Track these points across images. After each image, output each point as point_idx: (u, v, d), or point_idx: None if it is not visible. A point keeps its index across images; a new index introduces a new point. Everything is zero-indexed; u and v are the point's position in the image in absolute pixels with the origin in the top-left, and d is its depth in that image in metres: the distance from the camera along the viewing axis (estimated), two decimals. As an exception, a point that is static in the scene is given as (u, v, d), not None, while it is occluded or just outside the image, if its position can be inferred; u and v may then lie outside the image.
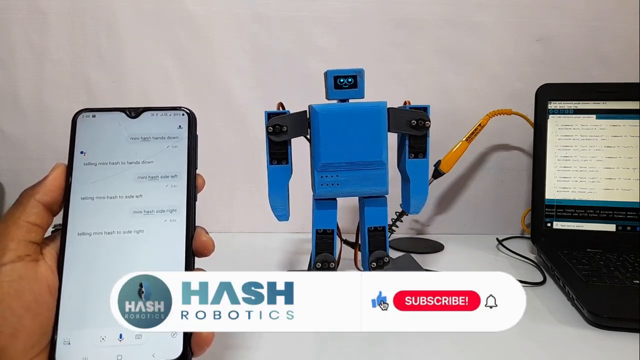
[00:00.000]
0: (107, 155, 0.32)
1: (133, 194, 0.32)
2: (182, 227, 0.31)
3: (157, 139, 0.32)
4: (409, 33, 0.72)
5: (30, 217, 0.29)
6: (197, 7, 0.71)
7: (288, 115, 0.48)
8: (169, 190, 0.32)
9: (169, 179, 0.32)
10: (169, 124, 0.33)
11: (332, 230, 0.51)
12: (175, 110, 0.33)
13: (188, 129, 0.33)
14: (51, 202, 0.30)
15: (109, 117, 0.33)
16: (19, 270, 0.27)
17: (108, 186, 0.32)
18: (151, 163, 0.32)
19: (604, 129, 0.65)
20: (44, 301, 0.28)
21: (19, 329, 0.27)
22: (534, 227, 0.66)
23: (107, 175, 0.32)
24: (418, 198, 0.51)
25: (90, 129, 0.32)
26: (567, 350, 0.43)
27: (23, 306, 0.27)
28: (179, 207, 0.31)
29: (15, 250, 0.27)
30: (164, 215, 0.31)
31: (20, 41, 0.71)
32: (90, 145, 0.32)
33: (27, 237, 0.28)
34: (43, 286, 0.28)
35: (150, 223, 0.31)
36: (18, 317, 0.27)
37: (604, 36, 0.73)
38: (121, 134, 0.32)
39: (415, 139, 0.49)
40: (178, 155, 0.32)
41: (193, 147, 0.33)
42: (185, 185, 0.32)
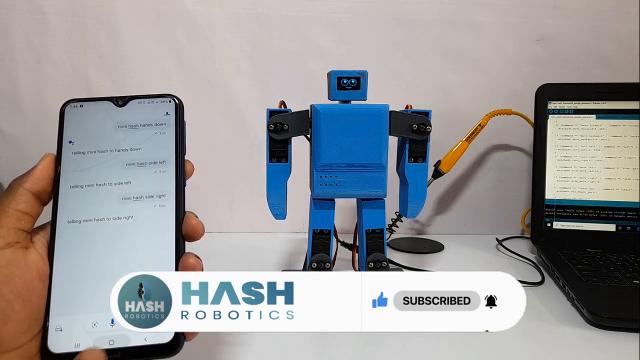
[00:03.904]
0: (95, 143, 0.32)
1: (122, 180, 0.32)
2: (172, 212, 0.31)
3: (145, 126, 0.33)
4: (409, 33, 0.72)
5: (19, 206, 0.29)
6: (197, 7, 0.71)
7: (289, 113, 0.48)
8: (157, 176, 0.32)
9: (157, 165, 0.32)
10: (156, 111, 0.33)
11: (329, 230, 0.51)
12: (162, 97, 0.33)
13: (175, 116, 0.33)
14: (40, 190, 0.30)
15: (97, 106, 0.33)
16: (8, 256, 0.27)
17: (97, 174, 0.32)
18: (139, 150, 0.32)
19: (603, 129, 0.65)
20: (35, 287, 0.28)
21: (9, 315, 0.27)
22: (534, 227, 0.66)
23: (96, 163, 0.32)
24: (416, 202, 0.51)
25: (78, 118, 0.33)
26: (567, 350, 0.43)
27: (13, 292, 0.27)
28: (168, 192, 0.32)
29: (4, 237, 0.28)
30: (153, 200, 0.31)
31: (20, 41, 0.71)
32: (78, 134, 0.32)
33: (17, 224, 0.28)
34: (33, 273, 0.28)
35: (140, 209, 0.31)
36: (8, 303, 0.27)
37: (604, 36, 0.73)
38: (109, 122, 0.32)
39: (415, 143, 0.49)
40: (166, 141, 0.32)
41: (180, 133, 0.33)
42: (173, 170, 0.32)
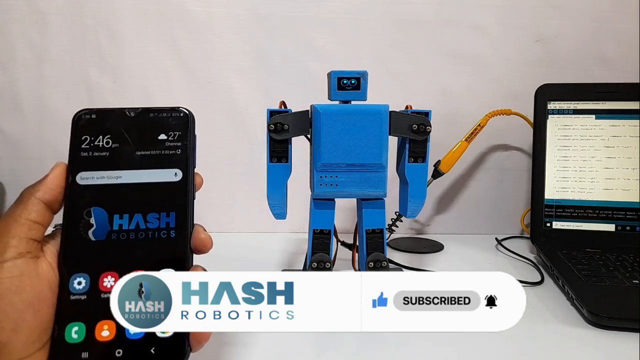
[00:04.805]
0: (106, 155, 0.32)
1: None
2: (181, 225, 0.31)
3: (156, 139, 0.33)
4: (409, 33, 0.72)
5: (31, 215, 0.29)
6: (198, 7, 0.71)
7: (290, 113, 0.48)
8: (167, 189, 0.32)
9: (169, 177, 0.32)
10: (167, 124, 0.33)
11: (329, 230, 0.51)
12: (174, 110, 0.34)
13: (187, 129, 0.33)
14: (52, 200, 0.30)
15: (109, 117, 0.33)
16: (21, 266, 0.28)
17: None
18: (150, 162, 0.32)
19: (603, 129, 0.65)
20: (45, 297, 0.29)
21: (20, 324, 0.27)
22: (534, 227, 0.66)
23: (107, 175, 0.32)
24: (416, 202, 0.51)
25: (90, 129, 0.32)
26: (566, 349, 0.43)
27: (24, 302, 0.27)
28: (178, 205, 0.32)
29: (16, 247, 0.28)
30: (163, 213, 0.32)
31: (21, 41, 0.71)
32: (90, 144, 0.32)
33: (28, 234, 0.29)
34: (44, 282, 0.29)
35: (149, 221, 0.31)
36: (19, 313, 0.27)
37: (604, 36, 0.73)
38: (121, 133, 0.33)
39: (415, 144, 0.49)
40: (177, 154, 0.33)
41: (191, 146, 0.33)
42: (184, 184, 0.32)
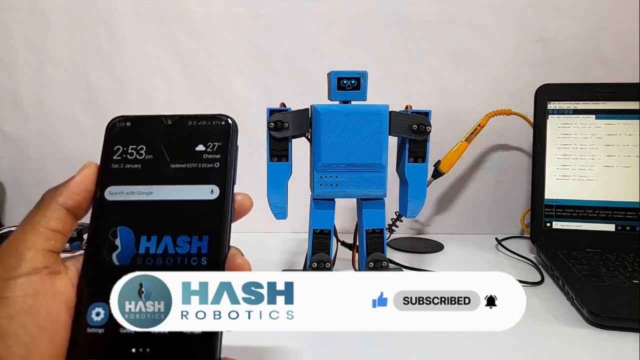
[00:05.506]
0: (138, 167, 0.29)
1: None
2: (214, 252, 0.28)
3: (193, 150, 0.29)
4: (408, 33, 0.72)
5: (50, 223, 0.26)
6: (198, 7, 0.71)
7: (290, 112, 0.48)
8: (201, 208, 0.29)
9: (205, 194, 0.29)
10: (207, 134, 0.30)
11: (329, 230, 0.51)
12: (214, 118, 0.30)
13: (228, 140, 0.29)
14: (75, 206, 0.27)
15: (144, 124, 0.30)
16: (35, 284, 0.24)
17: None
18: (185, 177, 0.29)
19: (603, 129, 0.65)
20: (61, 321, 0.25)
21: (33, 351, 0.24)
22: (534, 227, 0.66)
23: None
24: (416, 202, 0.51)
25: (124, 138, 0.30)
26: (566, 349, 0.43)
27: (38, 325, 0.24)
28: (212, 228, 0.29)
29: (31, 261, 0.25)
30: (195, 237, 0.28)
31: (21, 42, 0.71)
32: (122, 156, 0.29)
33: (46, 245, 0.25)
34: (60, 303, 0.25)
35: (179, 245, 0.28)
36: (32, 337, 0.24)
37: (604, 36, 0.73)
38: (156, 143, 0.29)
39: (415, 144, 0.49)
40: (214, 168, 0.29)
41: (232, 160, 0.29)
42: (220, 203, 0.29)
